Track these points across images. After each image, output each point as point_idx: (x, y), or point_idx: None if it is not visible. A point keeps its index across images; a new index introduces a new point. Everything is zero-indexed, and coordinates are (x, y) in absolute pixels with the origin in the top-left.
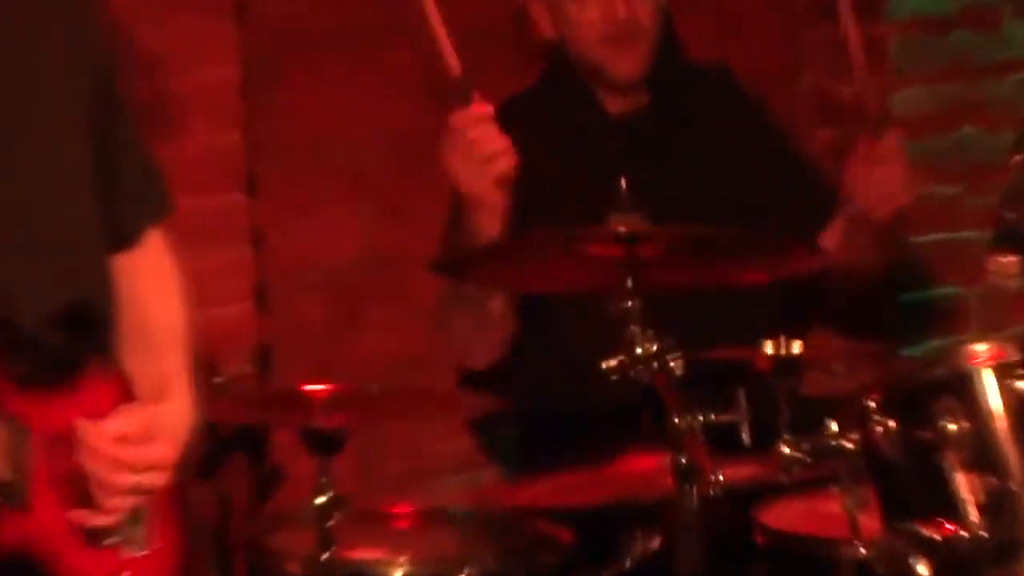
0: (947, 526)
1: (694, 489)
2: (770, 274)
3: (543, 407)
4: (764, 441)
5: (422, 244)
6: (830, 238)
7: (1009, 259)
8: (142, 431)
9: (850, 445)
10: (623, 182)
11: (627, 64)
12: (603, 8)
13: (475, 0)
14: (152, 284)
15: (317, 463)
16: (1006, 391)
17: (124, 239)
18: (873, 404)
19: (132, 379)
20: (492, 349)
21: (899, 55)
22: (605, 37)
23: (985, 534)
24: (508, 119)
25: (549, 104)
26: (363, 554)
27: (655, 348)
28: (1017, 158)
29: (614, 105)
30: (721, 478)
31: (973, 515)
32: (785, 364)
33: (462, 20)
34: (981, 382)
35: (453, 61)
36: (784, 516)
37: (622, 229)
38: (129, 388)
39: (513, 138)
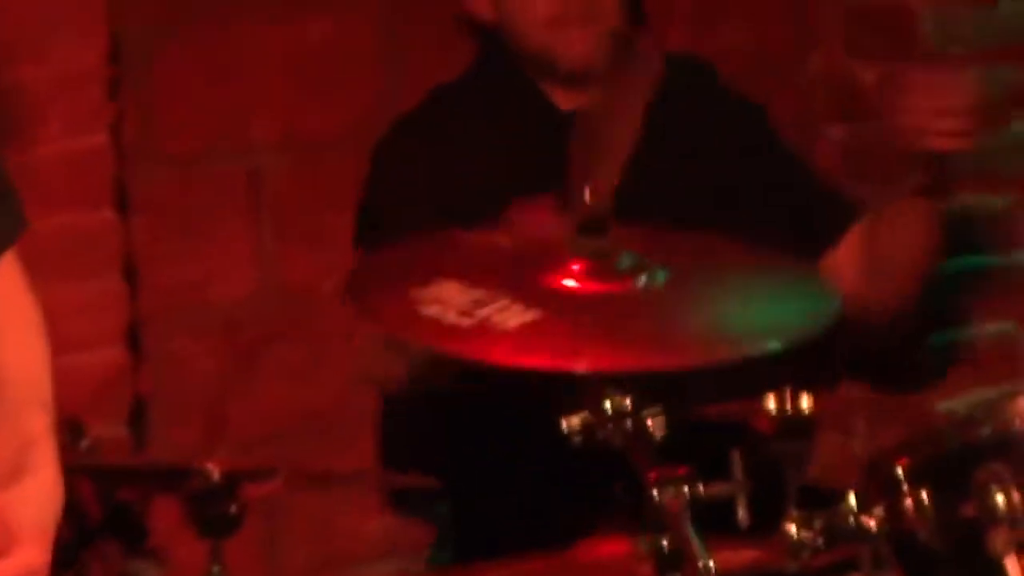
0: None
1: None
2: None
3: (487, 476)
4: (766, 519)
5: (335, 274)
6: (844, 257)
7: None
8: None
9: (873, 524)
10: (588, 192)
11: (577, 49)
12: None
13: None
14: (4, 322)
15: (207, 547)
16: None
17: None
18: (901, 472)
19: None
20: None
21: (934, 32)
22: (553, 18)
23: None
24: (436, 112)
25: (484, 96)
26: None
27: (628, 403)
28: None
29: (563, 100)
30: (712, 566)
31: None
32: (792, 423)
33: None
34: None
35: None
36: None
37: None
38: None
39: (441, 134)
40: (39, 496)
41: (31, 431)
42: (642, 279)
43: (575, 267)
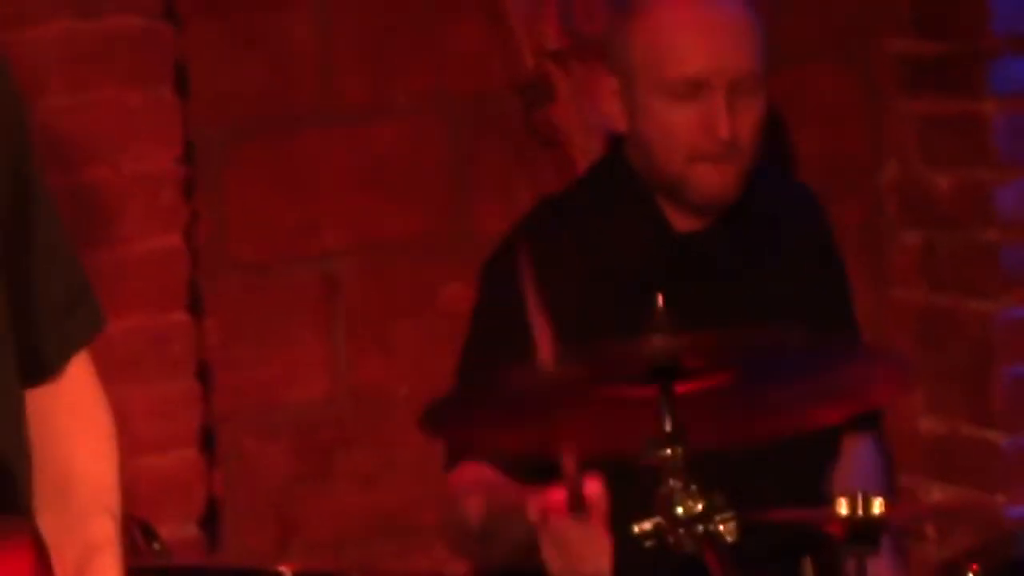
0: None
1: None
2: (847, 408)
3: None
4: None
5: (408, 380)
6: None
7: None
8: None
9: None
10: (660, 299)
11: (713, 185)
12: (703, 117)
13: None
14: (76, 426)
15: None
16: None
17: (42, 368)
18: None
19: (48, 548)
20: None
21: (1005, 139)
22: (695, 154)
23: None
24: (546, 225)
25: (598, 209)
26: None
27: (700, 507)
28: None
29: (680, 222)
30: None
31: None
32: (864, 527)
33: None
34: None
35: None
36: None
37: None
38: (46, 560)
39: (552, 250)
40: None
41: (97, 538)
42: None
43: None
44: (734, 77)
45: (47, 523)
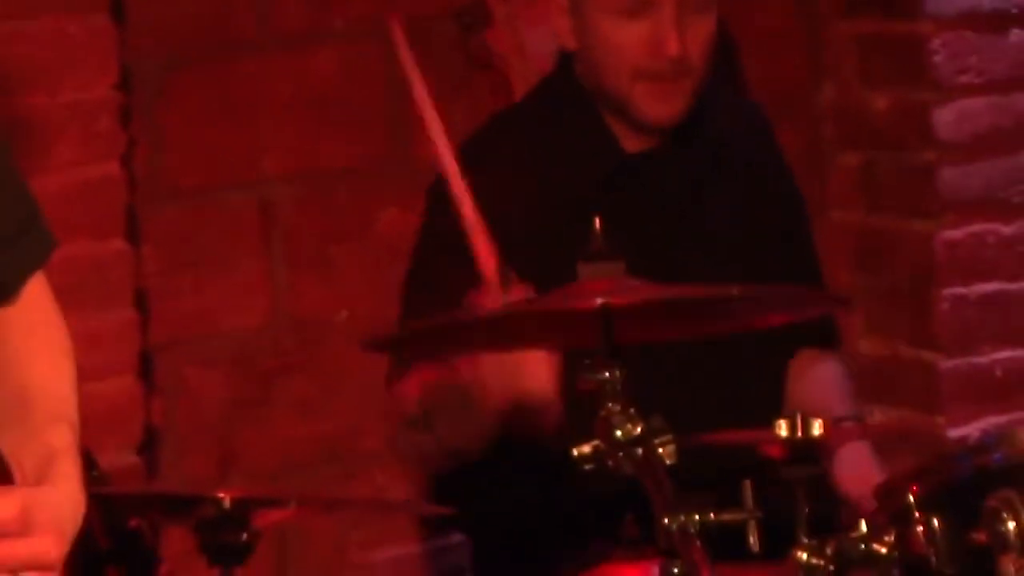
0: None
1: None
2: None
3: (500, 508)
4: (777, 546)
5: (347, 305)
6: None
7: None
8: (18, 519)
9: (884, 550)
10: (597, 223)
11: (662, 109)
12: (651, 34)
13: None
14: (34, 345)
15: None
16: None
17: (1, 291)
18: (912, 498)
19: (8, 456)
20: (452, 469)
21: (943, 60)
22: (643, 73)
23: None
24: (494, 143)
25: (547, 127)
26: None
27: (639, 430)
28: None
29: (629, 142)
30: None
31: None
32: (803, 449)
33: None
34: None
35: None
36: None
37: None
38: (4, 467)
39: (499, 168)
40: (61, 502)
41: (55, 445)
42: None
43: None
44: None
45: (7, 439)
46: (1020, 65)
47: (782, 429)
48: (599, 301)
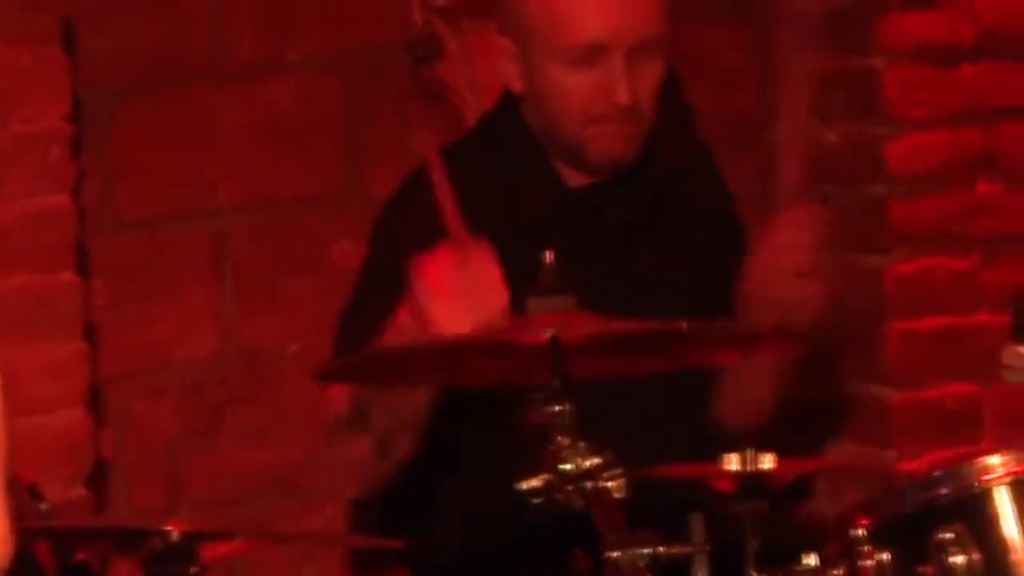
0: None
1: None
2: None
3: (448, 542)
4: None
5: (297, 337)
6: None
7: None
8: None
9: None
10: (549, 256)
11: (613, 151)
12: (601, 81)
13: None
14: None
15: None
16: None
17: None
18: (862, 533)
19: None
20: (385, 479)
21: (896, 96)
22: (594, 117)
23: None
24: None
25: (492, 163)
26: None
27: (589, 464)
28: None
29: (572, 177)
30: None
31: None
32: (753, 483)
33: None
34: (994, 504)
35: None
36: None
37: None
38: None
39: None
40: None
41: None
42: None
43: None
44: (633, 41)
45: None
46: (972, 99)
47: (732, 463)
48: (549, 335)
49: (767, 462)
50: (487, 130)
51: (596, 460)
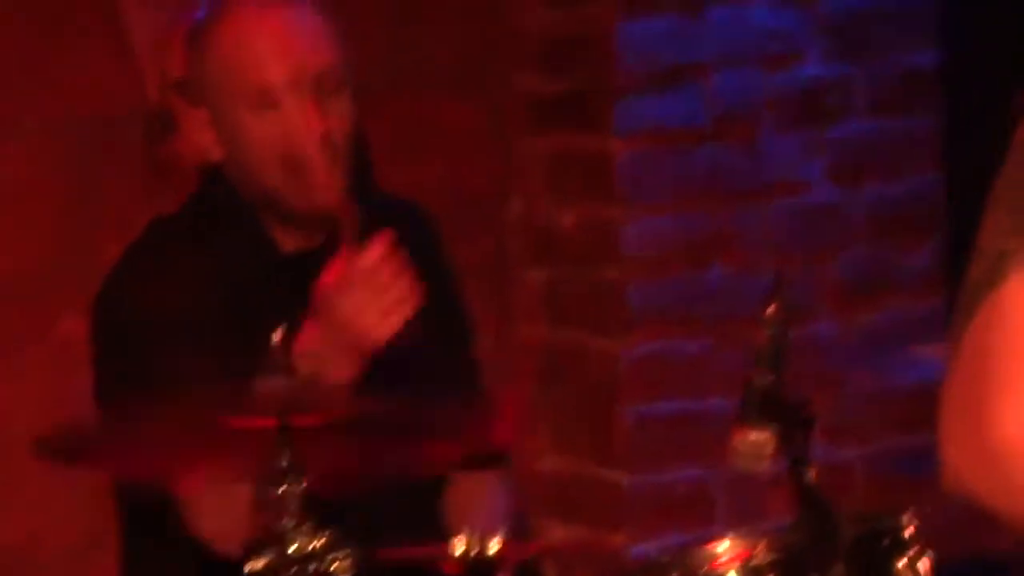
0: None
1: None
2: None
3: None
4: None
5: (26, 412)
6: None
7: (760, 435)
8: None
9: None
10: (279, 334)
11: (316, 196)
12: (291, 122)
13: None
14: None
15: None
16: None
17: None
18: None
19: None
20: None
21: (629, 177)
22: (291, 161)
23: None
24: (157, 247)
25: (204, 233)
26: None
27: (315, 545)
28: (772, 308)
29: (286, 241)
30: None
31: None
32: (480, 567)
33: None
34: None
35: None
36: None
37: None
38: None
39: (164, 271)
40: None
41: None
42: None
43: None
44: (314, 76)
45: None
46: (707, 180)
47: (458, 545)
48: (275, 418)
49: (493, 545)
50: (194, 205)
51: (322, 540)
